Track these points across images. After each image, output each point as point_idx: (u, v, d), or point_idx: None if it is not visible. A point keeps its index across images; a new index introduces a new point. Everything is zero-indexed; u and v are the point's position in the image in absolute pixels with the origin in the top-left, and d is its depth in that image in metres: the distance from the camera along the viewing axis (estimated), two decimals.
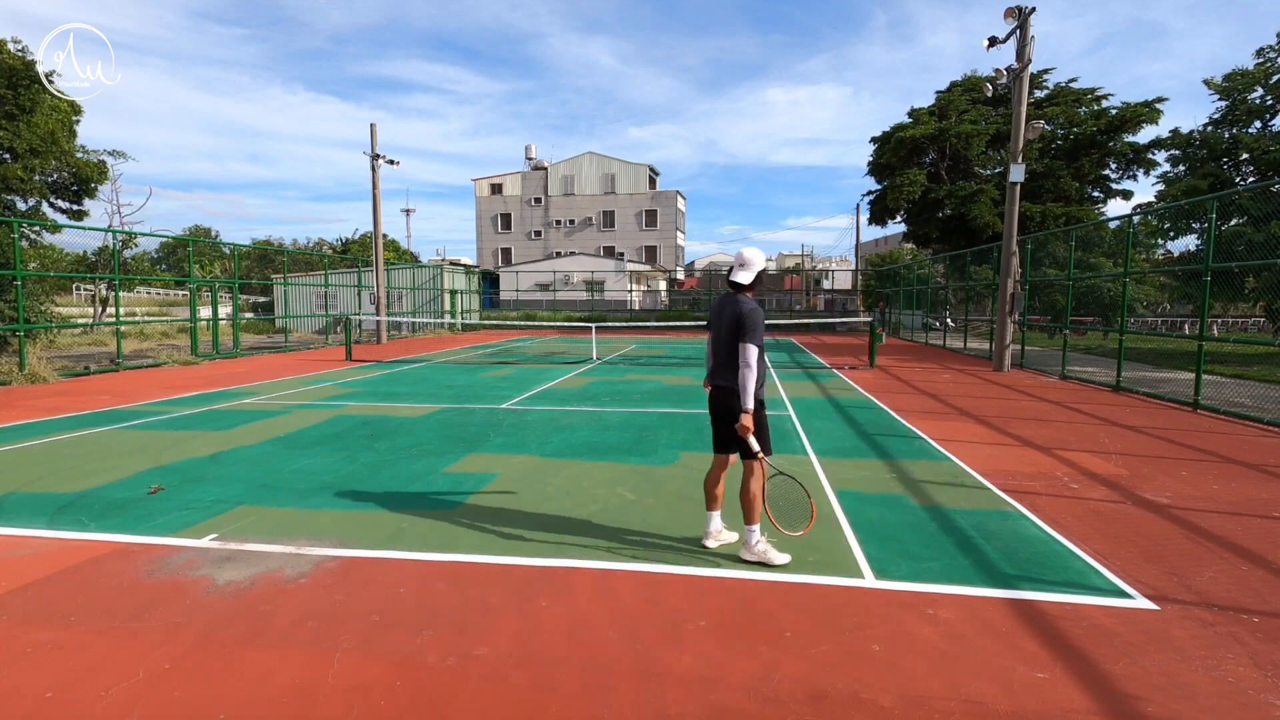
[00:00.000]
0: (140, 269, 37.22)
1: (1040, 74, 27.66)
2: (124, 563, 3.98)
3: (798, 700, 2.64)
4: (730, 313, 3.94)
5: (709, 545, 4.18)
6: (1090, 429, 8.10)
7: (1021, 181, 14.36)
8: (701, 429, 7.94)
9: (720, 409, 4.00)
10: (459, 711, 2.57)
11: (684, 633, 3.17)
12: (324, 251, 52.55)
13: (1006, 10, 13.20)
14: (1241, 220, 16.28)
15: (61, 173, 17.27)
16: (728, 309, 3.98)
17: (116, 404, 9.67)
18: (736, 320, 3.88)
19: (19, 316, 12.49)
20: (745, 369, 3.77)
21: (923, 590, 3.62)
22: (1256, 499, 5.33)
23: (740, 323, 3.85)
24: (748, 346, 3.79)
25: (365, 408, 9.42)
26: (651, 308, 43.66)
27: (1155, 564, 4.01)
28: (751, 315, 3.85)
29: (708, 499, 4.20)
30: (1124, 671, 2.84)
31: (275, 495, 5.29)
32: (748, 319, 3.84)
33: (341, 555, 4.09)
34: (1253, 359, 16.40)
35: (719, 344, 4.01)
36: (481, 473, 5.96)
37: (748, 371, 3.76)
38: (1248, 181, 19.99)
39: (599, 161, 54.64)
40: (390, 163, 23.93)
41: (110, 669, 2.85)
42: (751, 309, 3.87)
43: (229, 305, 26.19)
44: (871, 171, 31.25)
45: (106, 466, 6.15)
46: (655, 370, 14.44)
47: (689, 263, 64.82)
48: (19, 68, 15.36)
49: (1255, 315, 26.39)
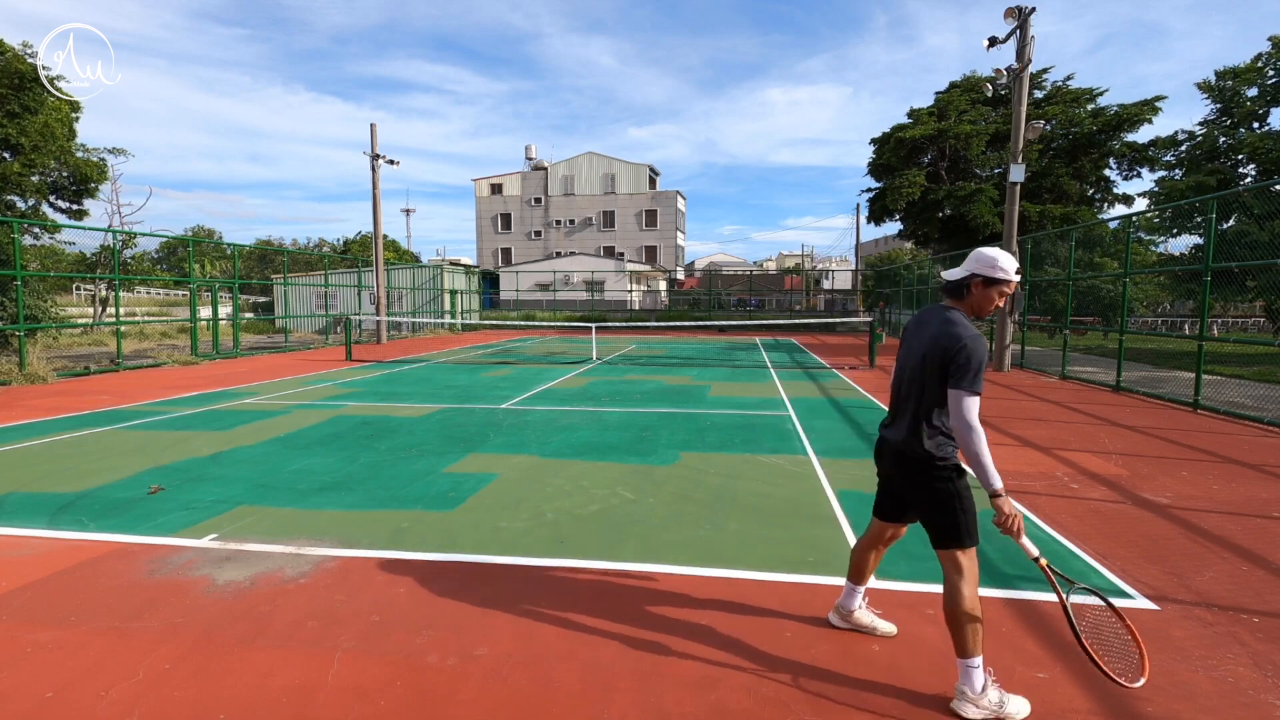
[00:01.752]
0: (140, 269, 37.20)
1: (1040, 74, 27.68)
2: (124, 563, 3.98)
3: (798, 700, 2.65)
4: (931, 334, 2.62)
5: (835, 622, 3.19)
6: (1090, 429, 8.10)
7: (1021, 181, 14.36)
8: (702, 429, 7.95)
9: (892, 469, 2.83)
10: (459, 711, 2.57)
11: (684, 633, 3.17)
12: (324, 251, 52.54)
13: (1006, 10, 13.20)
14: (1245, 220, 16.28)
15: (61, 172, 17.28)
16: (929, 326, 2.68)
17: (116, 404, 9.67)
18: (940, 349, 2.55)
19: (19, 316, 12.49)
20: (965, 432, 2.46)
21: (923, 590, 3.61)
22: (1256, 499, 5.33)
23: (945, 354, 2.53)
24: (962, 398, 2.48)
25: (365, 408, 9.42)
26: (651, 308, 43.65)
27: (1155, 564, 4.00)
28: (972, 345, 2.49)
29: (853, 569, 3.14)
30: (1124, 671, 2.84)
31: (275, 495, 5.29)
32: (958, 350, 2.50)
33: (341, 555, 4.09)
34: (1253, 359, 16.39)
35: (902, 376, 2.82)
36: (481, 473, 5.96)
37: (970, 436, 2.45)
38: (1247, 181, 20.00)
39: (599, 161, 54.63)
40: (390, 163, 23.93)
41: (110, 669, 2.85)
42: (971, 337, 2.52)
43: (229, 305, 26.18)
44: (871, 172, 31.26)
45: (106, 466, 6.15)
46: (655, 370, 14.44)
47: (689, 263, 64.84)
48: (25, 70, 15.39)
49: (1255, 315, 26.38)
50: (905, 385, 2.77)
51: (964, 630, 2.53)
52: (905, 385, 2.77)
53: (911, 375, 2.73)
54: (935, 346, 2.58)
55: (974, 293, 2.66)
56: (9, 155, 15.84)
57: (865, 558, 3.11)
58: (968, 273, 2.66)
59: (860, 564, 3.12)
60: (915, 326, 2.81)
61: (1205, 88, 21.28)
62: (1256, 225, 14.62)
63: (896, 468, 2.79)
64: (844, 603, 3.18)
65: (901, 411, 2.78)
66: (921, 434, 2.66)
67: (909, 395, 2.73)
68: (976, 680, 2.53)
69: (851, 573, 3.15)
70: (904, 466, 2.74)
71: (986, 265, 2.62)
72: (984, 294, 2.65)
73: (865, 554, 3.11)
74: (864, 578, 3.13)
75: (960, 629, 2.54)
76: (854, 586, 3.15)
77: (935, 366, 2.58)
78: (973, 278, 2.65)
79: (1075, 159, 26.21)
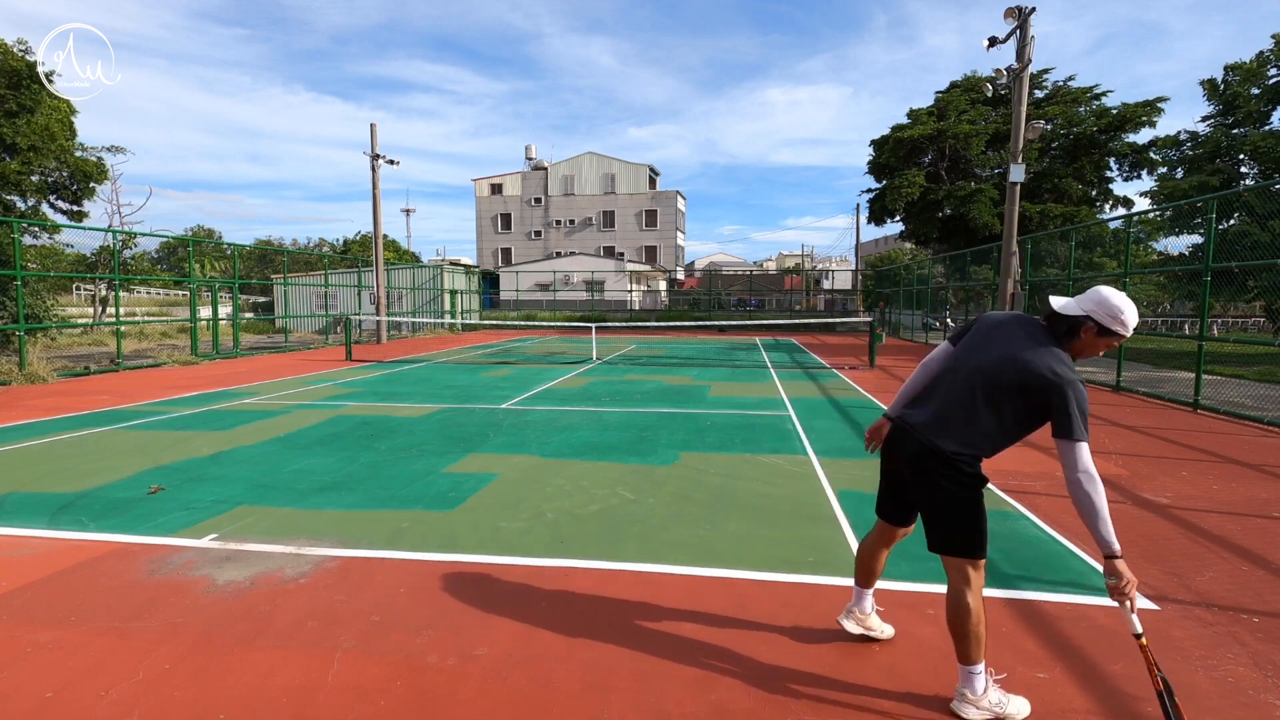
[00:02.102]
0: (140, 269, 37.20)
1: (1040, 74, 27.69)
2: (124, 563, 3.98)
3: (798, 700, 2.64)
4: (1028, 361, 2.37)
5: (848, 627, 3.06)
6: (1090, 429, 8.08)
7: (1021, 181, 14.37)
8: (702, 429, 7.94)
9: (907, 468, 2.62)
10: (459, 711, 2.57)
11: (684, 633, 3.17)
12: (324, 251, 52.54)
13: (1006, 10, 13.21)
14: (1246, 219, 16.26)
15: (61, 172, 17.29)
16: (1023, 348, 2.41)
17: (116, 404, 9.67)
18: (1042, 385, 2.33)
19: (19, 316, 12.49)
20: (1089, 484, 2.28)
21: (923, 590, 3.62)
22: (1256, 499, 5.33)
23: (1047, 395, 2.33)
24: (1078, 447, 2.30)
25: (365, 408, 9.42)
26: (651, 308, 43.65)
27: (1155, 564, 4.00)
28: (1081, 391, 2.31)
29: (861, 572, 3.02)
30: (1124, 671, 2.84)
31: (275, 495, 5.29)
32: (1068, 397, 2.29)
33: (341, 555, 4.09)
34: (1253, 359, 16.39)
35: (959, 371, 2.55)
36: (481, 473, 5.96)
37: (1094, 489, 2.28)
38: (1248, 181, 19.99)
39: (599, 161, 54.64)
40: (390, 163, 23.94)
41: (110, 669, 2.85)
42: (1072, 380, 2.31)
43: (229, 305, 26.18)
44: (871, 171, 31.30)
45: (106, 466, 6.15)
46: (655, 370, 14.44)
47: (689, 263, 64.84)
48: (22, 69, 15.39)
49: (1255, 315, 26.38)
50: (962, 385, 2.50)
51: (968, 640, 2.48)
52: (962, 385, 2.50)
53: (979, 381, 2.46)
54: (1032, 378, 2.34)
55: (1083, 338, 2.39)
56: (8, 155, 15.84)
57: (875, 560, 2.98)
58: (1085, 314, 2.38)
59: (869, 567, 2.99)
60: (1000, 332, 2.50)
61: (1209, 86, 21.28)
62: (1258, 226, 14.62)
63: (914, 467, 2.56)
64: (857, 606, 3.06)
65: (946, 409, 2.52)
66: (961, 441, 2.46)
67: (964, 398, 2.49)
68: (978, 684, 2.48)
69: (860, 576, 3.03)
70: (926, 466, 2.51)
71: (1109, 315, 2.35)
72: (1094, 342, 2.39)
73: (875, 556, 2.98)
74: (872, 578, 3.02)
75: (965, 639, 2.48)
76: (864, 590, 3.05)
77: (1020, 396, 2.38)
78: (1088, 321, 2.38)
79: (1075, 159, 26.22)
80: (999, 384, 2.42)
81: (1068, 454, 2.32)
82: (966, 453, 2.47)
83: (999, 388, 2.42)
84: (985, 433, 2.47)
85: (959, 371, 2.56)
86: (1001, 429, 2.46)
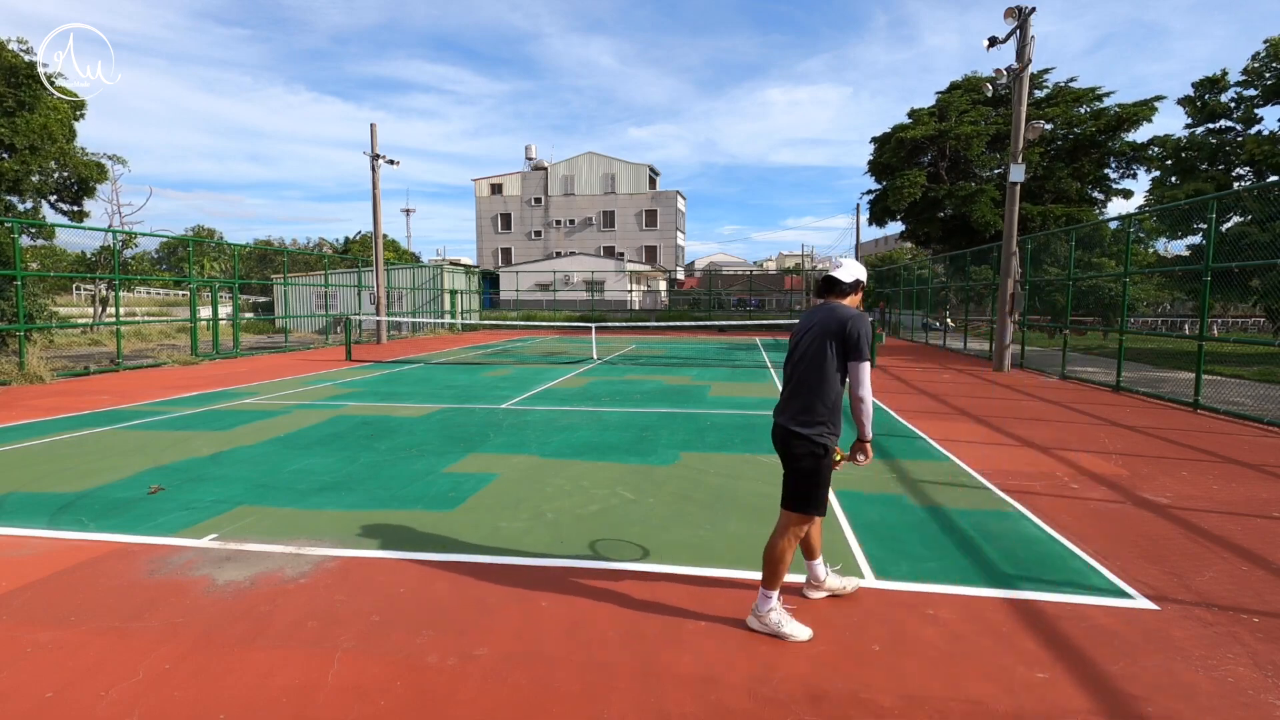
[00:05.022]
0: (140, 269, 37.21)
1: (1040, 74, 27.70)
2: (124, 563, 3.98)
3: (798, 700, 2.64)
4: (823, 319, 3.12)
5: (813, 596, 3.53)
6: (1090, 429, 8.10)
7: (1022, 182, 14.37)
8: (702, 429, 7.95)
9: (780, 449, 3.25)
10: (459, 711, 2.57)
11: (684, 633, 3.17)
12: (324, 251, 52.55)
13: (1006, 10, 13.20)
14: (1244, 219, 16.26)
15: (61, 173, 17.30)
16: (820, 315, 3.16)
17: (116, 404, 9.67)
18: (837, 328, 3.06)
19: (19, 316, 12.48)
20: (865, 395, 3.05)
21: (923, 590, 3.62)
22: (1256, 499, 5.33)
23: (843, 332, 3.05)
24: (863, 366, 3.04)
25: (365, 408, 9.42)
26: (651, 308, 43.65)
27: (1155, 564, 4.00)
28: (859, 321, 3.06)
29: (804, 548, 3.49)
30: (1124, 671, 2.84)
31: (275, 495, 5.29)
32: (851, 325, 3.04)
33: (341, 555, 4.09)
34: (1253, 359, 16.39)
35: (793, 361, 3.24)
36: (481, 473, 5.96)
37: (862, 399, 3.06)
38: (1244, 183, 19.99)
39: (599, 161, 54.63)
40: (390, 163, 23.93)
41: (110, 669, 2.85)
42: (857, 314, 3.10)
43: (229, 305, 26.18)
44: (871, 171, 31.27)
45: (106, 466, 6.15)
46: (655, 370, 14.44)
47: (689, 263, 64.84)
48: (20, 66, 15.38)
49: (1255, 315, 26.37)
50: (805, 363, 3.19)
51: (774, 567, 3.15)
52: (805, 363, 3.19)
53: (812, 351, 3.17)
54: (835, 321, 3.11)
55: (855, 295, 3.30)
56: (6, 155, 15.84)
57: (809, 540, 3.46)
58: (853, 279, 3.27)
59: (806, 543, 3.46)
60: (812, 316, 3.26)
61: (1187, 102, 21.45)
62: (1258, 227, 14.62)
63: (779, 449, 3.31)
64: (811, 576, 3.54)
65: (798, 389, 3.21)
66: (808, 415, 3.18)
67: (809, 370, 3.17)
68: (764, 605, 3.17)
69: (804, 552, 3.50)
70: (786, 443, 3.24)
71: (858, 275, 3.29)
72: (857, 296, 3.30)
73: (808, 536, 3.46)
74: (814, 551, 3.49)
75: (772, 566, 3.16)
76: (812, 562, 3.51)
77: (834, 338, 3.09)
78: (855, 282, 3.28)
79: (1076, 159, 26.22)
80: (823, 341, 3.10)
81: (854, 372, 3.07)
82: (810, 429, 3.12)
83: (823, 344, 3.10)
84: (826, 390, 3.10)
85: (798, 356, 3.21)
86: (834, 376, 3.10)
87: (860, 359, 3.03)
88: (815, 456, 3.11)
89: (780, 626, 3.12)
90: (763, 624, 3.16)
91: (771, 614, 3.14)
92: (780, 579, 3.17)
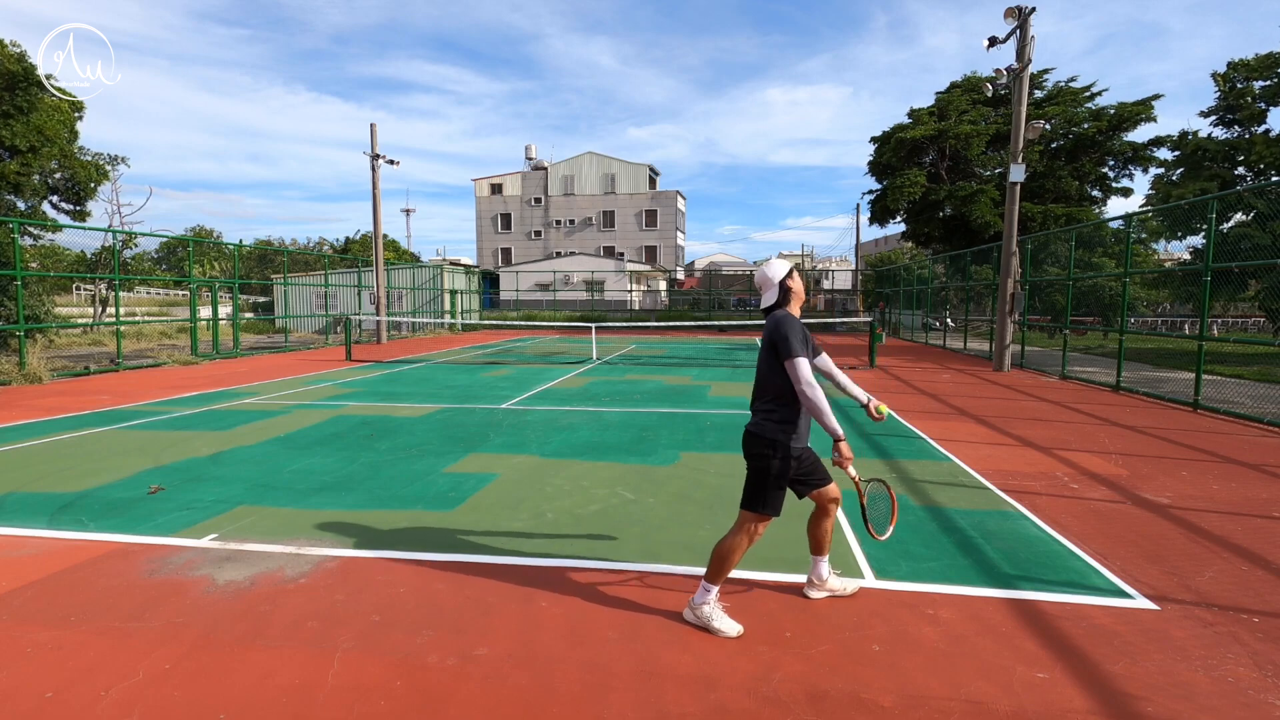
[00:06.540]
0: (140, 269, 37.21)
1: (1040, 74, 27.68)
2: (124, 563, 3.98)
3: (798, 700, 2.64)
4: (769, 324, 3.28)
5: (812, 595, 3.54)
6: (1090, 429, 8.10)
7: (1022, 181, 14.37)
8: (702, 429, 7.95)
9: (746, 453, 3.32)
10: (459, 711, 2.57)
11: (684, 633, 3.17)
12: (324, 251, 52.54)
13: (1006, 10, 13.21)
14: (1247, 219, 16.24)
15: (62, 173, 17.30)
16: (770, 322, 3.30)
17: (116, 404, 9.67)
18: (769, 334, 3.23)
19: (19, 316, 12.48)
20: (806, 390, 3.07)
21: (923, 590, 3.62)
22: (1256, 499, 5.33)
23: (774, 336, 3.18)
24: (794, 363, 3.08)
25: (365, 408, 9.42)
26: (651, 308, 43.64)
27: (1155, 564, 4.00)
28: (783, 324, 3.16)
29: (810, 542, 3.55)
30: (1124, 671, 2.84)
31: (275, 495, 5.29)
32: (776, 329, 3.16)
33: (341, 555, 4.09)
34: (1253, 359, 16.39)
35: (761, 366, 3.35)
36: (481, 473, 5.96)
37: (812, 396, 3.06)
38: (1248, 182, 19.97)
39: (599, 161, 54.62)
40: (390, 163, 23.94)
41: (110, 669, 2.85)
42: (782, 317, 3.21)
43: (229, 305, 26.18)
44: (871, 171, 31.25)
45: (106, 466, 6.15)
46: (655, 370, 14.44)
47: (689, 263, 64.83)
48: (17, 71, 15.38)
49: (1255, 315, 26.37)
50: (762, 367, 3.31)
51: (720, 563, 3.21)
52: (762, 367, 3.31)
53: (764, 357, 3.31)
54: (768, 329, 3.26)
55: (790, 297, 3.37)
56: (7, 156, 15.84)
57: (817, 529, 3.50)
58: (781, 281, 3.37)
59: (812, 537, 3.51)
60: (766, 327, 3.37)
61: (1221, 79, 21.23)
62: (1259, 228, 14.61)
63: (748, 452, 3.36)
64: (814, 574, 3.54)
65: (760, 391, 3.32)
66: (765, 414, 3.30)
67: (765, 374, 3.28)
68: (700, 598, 3.23)
69: (811, 546, 3.52)
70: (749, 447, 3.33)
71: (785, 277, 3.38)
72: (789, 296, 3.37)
73: (814, 528, 3.52)
74: (822, 548, 3.50)
75: (719, 561, 3.21)
76: (818, 558, 3.51)
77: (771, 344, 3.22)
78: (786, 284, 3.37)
79: (1076, 159, 26.22)
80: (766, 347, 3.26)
81: (791, 371, 3.11)
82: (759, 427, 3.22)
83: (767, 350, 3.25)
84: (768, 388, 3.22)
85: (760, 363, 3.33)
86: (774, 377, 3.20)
87: (790, 356, 3.09)
88: (764, 456, 3.16)
89: (711, 620, 3.17)
90: (695, 616, 3.23)
91: (704, 607, 3.21)
92: (723, 575, 3.22)
